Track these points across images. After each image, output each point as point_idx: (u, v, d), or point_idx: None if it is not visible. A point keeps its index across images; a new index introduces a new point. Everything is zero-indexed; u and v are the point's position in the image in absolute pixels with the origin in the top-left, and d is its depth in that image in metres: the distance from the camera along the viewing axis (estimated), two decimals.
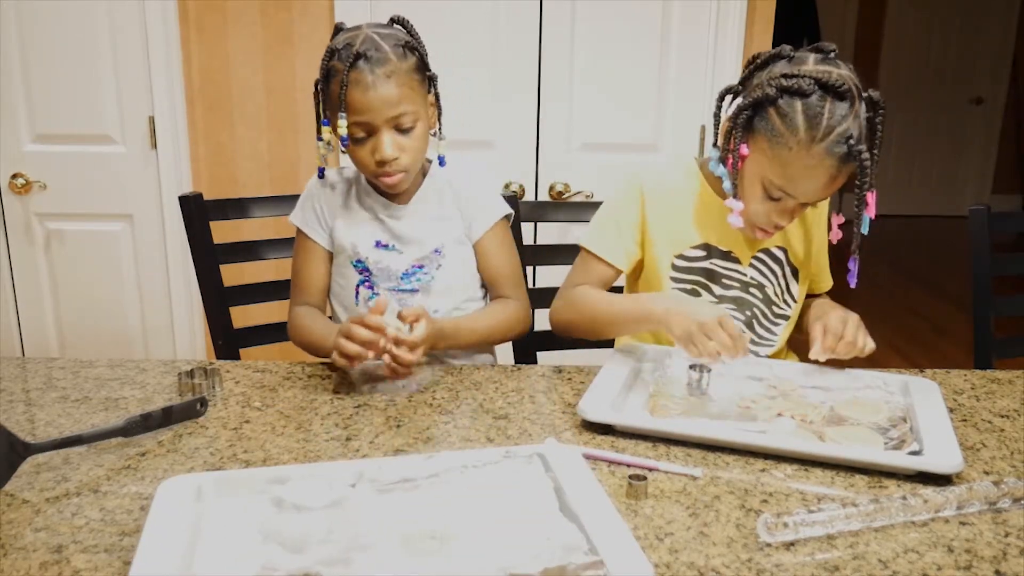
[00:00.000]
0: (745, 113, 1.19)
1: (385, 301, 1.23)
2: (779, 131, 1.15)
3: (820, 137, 1.13)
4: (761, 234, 1.27)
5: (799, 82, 1.14)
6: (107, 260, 2.32)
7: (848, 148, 1.13)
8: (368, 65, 1.24)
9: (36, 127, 2.22)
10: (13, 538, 0.83)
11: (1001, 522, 0.88)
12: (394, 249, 1.40)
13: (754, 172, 1.21)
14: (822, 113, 1.13)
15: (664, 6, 2.19)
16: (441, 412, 1.15)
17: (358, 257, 1.40)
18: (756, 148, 1.19)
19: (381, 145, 1.27)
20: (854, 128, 1.13)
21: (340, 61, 1.25)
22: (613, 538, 0.75)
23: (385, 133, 1.27)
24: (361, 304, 1.41)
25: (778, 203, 1.21)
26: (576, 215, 1.68)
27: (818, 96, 1.13)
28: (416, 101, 1.29)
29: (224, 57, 2.23)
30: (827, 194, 1.20)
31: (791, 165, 1.16)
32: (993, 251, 1.65)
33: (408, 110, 1.27)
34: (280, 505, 0.82)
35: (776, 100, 1.15)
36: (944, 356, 3.82)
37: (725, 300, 1.35)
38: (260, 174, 2.30)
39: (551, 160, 2.27)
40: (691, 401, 1.15)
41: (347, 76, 1.23)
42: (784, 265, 1.36)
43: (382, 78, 1.24)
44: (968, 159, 6.75)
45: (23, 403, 1.18)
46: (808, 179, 1.16)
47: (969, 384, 1.29)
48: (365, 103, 1.24)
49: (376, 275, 1.40)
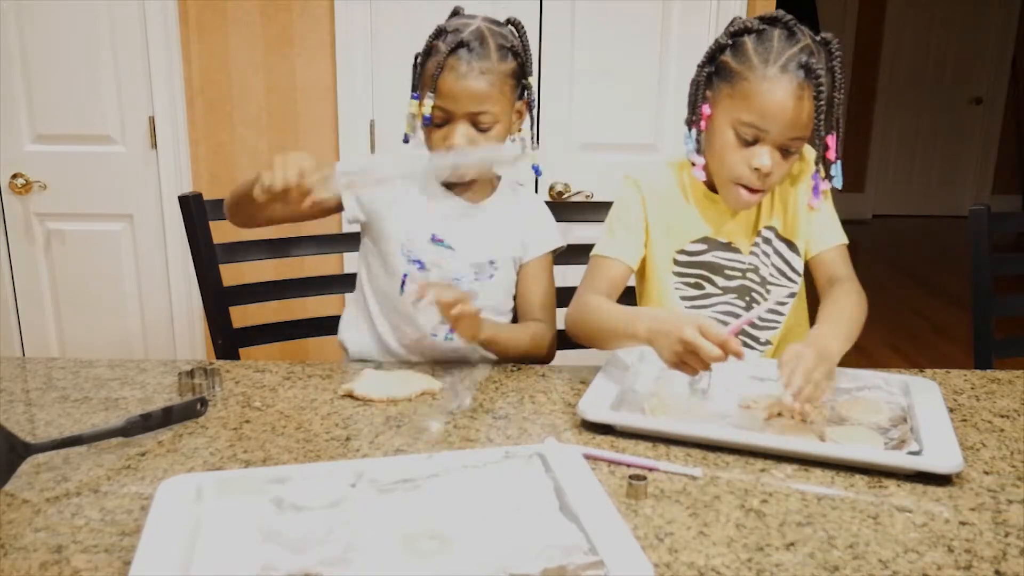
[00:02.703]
0: (705, 71, 1.24)
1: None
2: (734, 69, 1.20)
3: (774, 59, 1.17)
4: (747, 194, 1.26)
5: (745, 22, 1.22)
6: (107, 260, 2.32)
7: (805, 67, 1.16)
8: (468, 56, 1.25)
9: (36, 127, 2.22)
10: (13, 538, 0.83)
11: (1001, 522, 0.88)
12: (449, 247, 1.37)
13: (724, 123, 1.23)
14: (771, 40, 1.19)
15: (664, 6, 2.19)
16: (441, 412, 1.15)
17: (412, 248, 1.36)
18: (720, 98, 1.23)
19: (454, 133, 1.28)
20: (806, 53, 1.17)
21: (444, 43, 1.26)
22: (613, 538, 0.75)
23: (461, 124, 1.28)
24: (407, 296, 1.37)
25: (754, 147, 1.22)
26: (576, 215, 1.68)
27: (766, 30, 1.20)
28: (502, 104, 1.29)
29: (224, 57, 2.23)
30: (799, 124, 1.19)
31: (753, 96, 1.18)
32: (993, 251, 1.65)
33: (490, 110, 1.28)
34: (280, 505, 0.82)
35: (726, 47, 1.22)
36: (944, 356, 3.82)
37: (729, 291, 1.34)
38: None
39: (551, 160, 2.27)
40: (691, 401, 1.15)
41: (445, 60, 1.25)
42: (774, 242, 1.35)
43: (476, 72, 1.25)
44: (968, 159, 6.75)
45: (23, 403, 1.18)
46: (773, 104, 1.17)
47: (969, 384, 1.29)
48: (452, 90, 1.26)
49: (429, 270, 1.36)
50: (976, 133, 6.68)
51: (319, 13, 2.20)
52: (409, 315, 1.38)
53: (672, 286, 1.34)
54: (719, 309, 1.35)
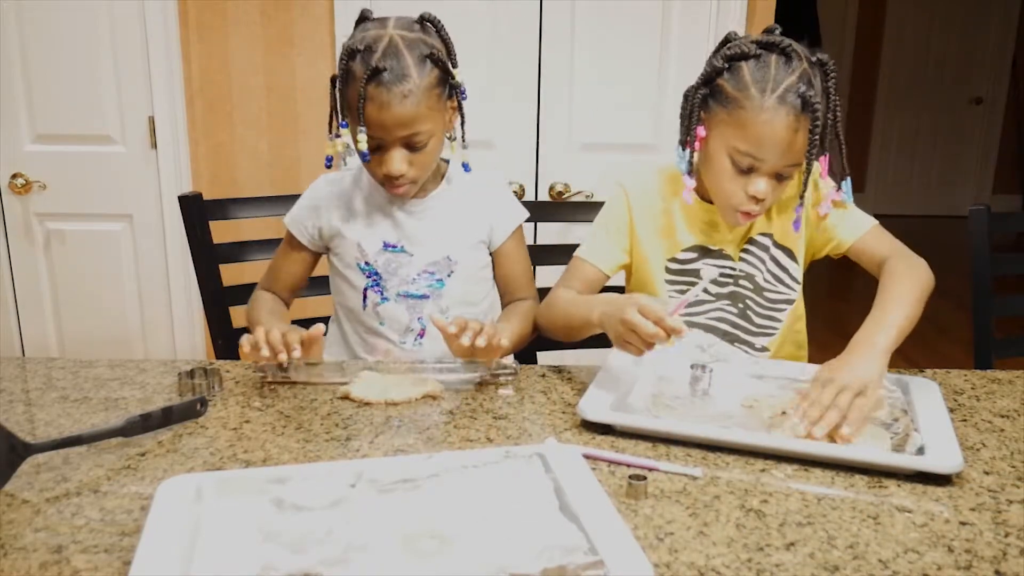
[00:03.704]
0: (700, 93, 1.23)
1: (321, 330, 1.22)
2: (731, 96, 1.19)
3: (771, 89, 1.16)
4: (744, 218, 1.26)
5: (741, 47, 1.20)
6: (107, 260, 2.32)
7: (802, 98, 1.15)
8: (386, 83, 1.20)
9: (36, 127, 2.22)
10: (13, 538, 0.83)
11: (1001, 522, 0.88)
12: (403, 251, 1.38)
13: (719, 148, 1.22)
14: (768, 67, 1.17)
15: (664, 6, 2.19)
16: (441, 412, 1.15)
17: (365, 260, 1.38)
18: (716, 122, 1.22)
19: (390, 161, 1.26)
20: (803, 82, 1.16)
21: (359, 66, 1.21)
22: (613, 538, 0.75)
23: (395, 150, 1.26)
24: (369, 309, 1.40)
25: (750, 175, 1.22)
26: (576, 215, 1.68)
27: (763, 55, 1.18)
28: (432, 119, 1.26)
29: (224, 57, 2.23)
30: (793, 152, 1.19)
31: (750, 125, 1.17)
32: (993, 251, 1.65)
33: (422, 129, 1.25)
34: (280, 505, 0.82)
35: (723, 71, 1.20)
36: (944, 356, 3.81)
37: (721, 297, 1.35)
38: (260, 174, 2.30)
39: (551, 160, 2.27)
40: (692, 401, 1.15)
41: (364, 90, 1.20)
42: (771, 249, 1.35)
43: (398, 98, 1.21)
44: (968, 159, 6.75)
45: (23, 403, 1.18)
46: (769, 135, 1.17)
47: (969, 384, 1.29)
48: (379, 121, 1.22)
49: (385, 279, 1.38)
50: (976, 133, 6.68)
51: (319, 13, 2.20)
52: (375, 328, 1.41)
53: (665, 294, 1.35)
54: (712, 316, 1.35)
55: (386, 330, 1.40)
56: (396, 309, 1.39)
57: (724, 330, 1.35)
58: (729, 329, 1.35)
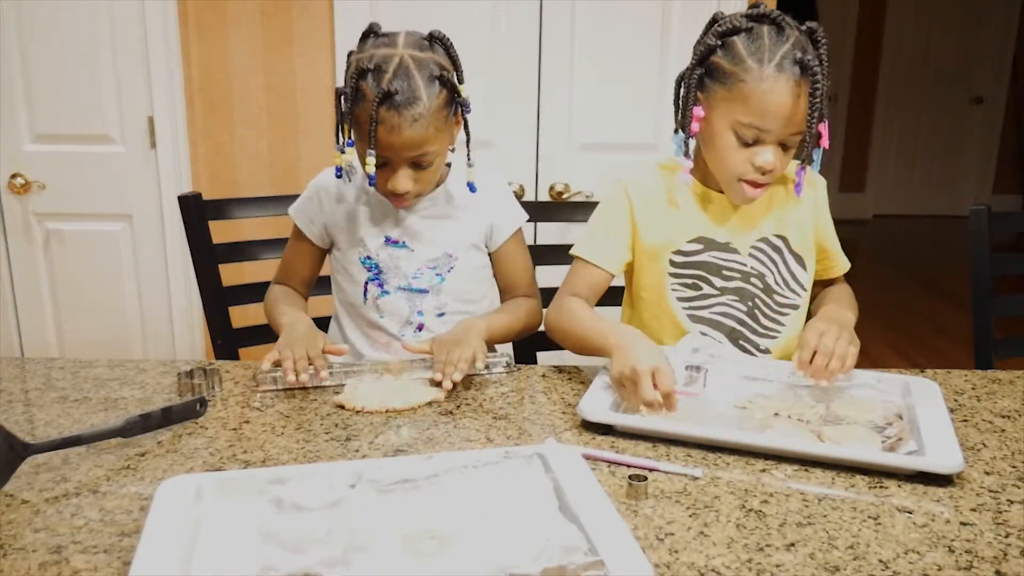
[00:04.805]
0: (695, 73, 1.24)
1: (346, 349, 1.31)
2: (729, 71, 1.19)
3: (768, 59, 1.17)
4: (751, 189, 1.26)
5: (731, 22, 1.21)
6: (107, 260, 2.31)
7: (800, 64, 1.16)
8: (397, 106, 1.20)
9: (36, 127, 2.22)
10: (13, 538, 0.83)
11: (1001, 522, 0.88)
12: (405, 246, 1.39)
13: (722, 125, 1.23)
14: (761, 38, 1.18)
15: (664, 6, 2.18)
16: (441, 412, 1.15)
17: (367, 254, 1.39)
18: (716, 100, 1.22)
19: (396, 180, 1.27)
20: (798, 48, 1.17)
21: (369, 87, 1.20)
22: (613, 538, 0.75)
23: (402, 169, 1.27)
24: (370, 302, 1.40)
25: (754, 147, 1.22)
26: (576, 215, 1.68)
27: (754, 28, 1.19)
28: (440, 139, 1.27)
29: (224, 57, 2.23)
30: (797, 119, 1.19)
31: (751, 96, 1.18)
32: (993, 251, 1.65)
33: (430, 150, 1.26)
34: (280, 505, 0.82)
35: (716, 48, 1.21)
36: (944, 356, 3.82)
37: (727, 292, 1.33)
38: (260, 174, 2.30)
39: (551, 160, 2.27)
40: (687, 401, 1.15)
41: (376, 113, 1.19)
42: (784, 253, 1.35)
43: (409, 121, 1.21)
44: (968, 159, 6.75)
45: (23, 403, 1.18)
46: (773, 104, 1.17)
47: (969, 384, 1.29)
48: (388, 143, 1.23)
49: (386, 273, 1.39)
50: (976, 133, 6.68)
51: (319, 13, 2.20)
52: (375, 321, 1.41)
53: (669, 287, 1.34)
54: (717, 310, 1.34)
55: (386, 323, 1.41)
56: (396, 302, 1.40)
57: (730, 327, 1.34)
58: (735, 326, 1.34)
